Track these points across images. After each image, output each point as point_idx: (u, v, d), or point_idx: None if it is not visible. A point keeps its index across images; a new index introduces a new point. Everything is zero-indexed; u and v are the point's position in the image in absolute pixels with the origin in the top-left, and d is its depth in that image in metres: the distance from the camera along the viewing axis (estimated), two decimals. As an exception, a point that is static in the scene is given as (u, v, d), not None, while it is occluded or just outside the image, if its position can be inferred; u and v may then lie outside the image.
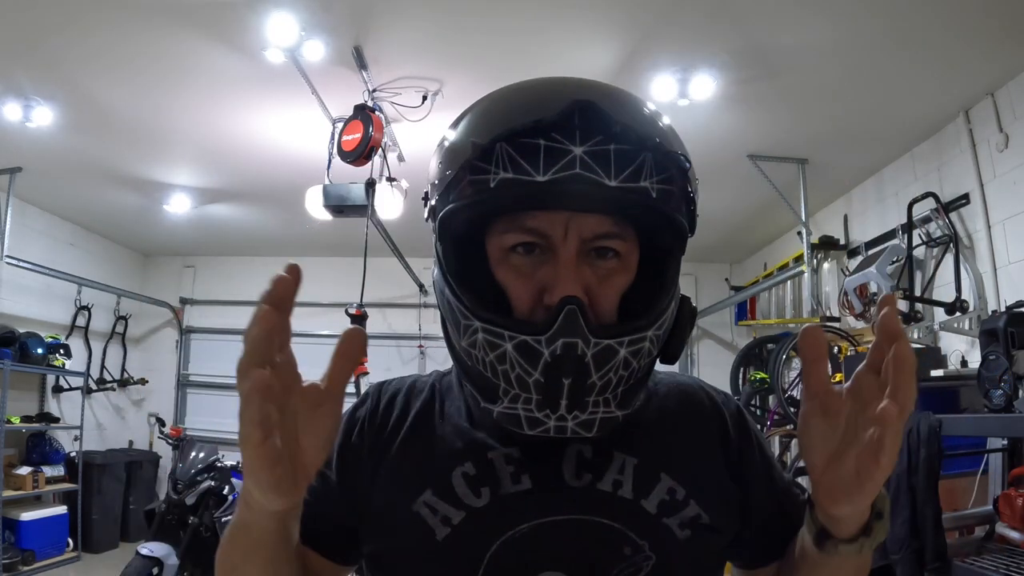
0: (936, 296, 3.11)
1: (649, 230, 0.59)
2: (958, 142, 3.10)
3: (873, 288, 3.38)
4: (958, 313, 2.91)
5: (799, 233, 3.97)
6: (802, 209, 3.82)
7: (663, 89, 2.94)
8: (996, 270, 2.86)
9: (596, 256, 0.58)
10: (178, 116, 3.49)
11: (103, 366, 5.85)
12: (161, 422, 5.27)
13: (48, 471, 4.72)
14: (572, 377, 0.53)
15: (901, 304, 3.19)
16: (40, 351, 4.73)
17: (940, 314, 3.03)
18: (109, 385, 5.85)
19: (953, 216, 3.07)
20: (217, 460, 3.81)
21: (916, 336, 3.19)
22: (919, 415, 2.24)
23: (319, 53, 2.77)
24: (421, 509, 0.63)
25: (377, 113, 3.02)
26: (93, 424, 5.65)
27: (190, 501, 3.58)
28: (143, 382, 6.10)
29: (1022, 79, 2.76)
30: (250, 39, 2.73)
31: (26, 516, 4.41)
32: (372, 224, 3.53)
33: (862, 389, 0.50)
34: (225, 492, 3.69)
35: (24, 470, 4.52)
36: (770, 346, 4.36)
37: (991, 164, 2.91)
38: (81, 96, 3.27)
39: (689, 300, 0.63)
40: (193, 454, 3.78)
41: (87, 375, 5.46)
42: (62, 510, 4.74)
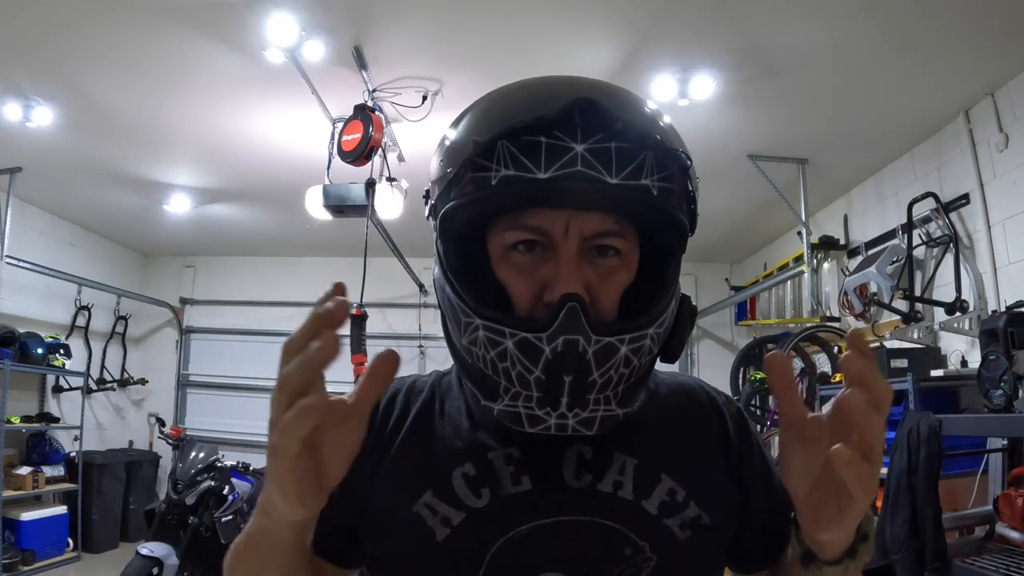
0: (936, 296, 3.11)
1: (650, 228, 0.59)
2: (958, 142, 3.10)
3: (873, 288, 3.38)
4: (958, 313, 2.91)
5: (799, 233, 3.97)
6: (802, 209, 3.82)
7: (663, 89, 2.94)
8: (996, 270, 2.86)
9: (597, 254, 0.58)
10: (178, 116, 3.49)
11: (103, 366, 5.85)
12: (161, 422, 5.27)
13: (48, 471, 4.72)
14: (573, 374, 0.53)
15: (901, 304, 3.19)
16: (40, 351, 4.73)
17: (940, 314, 3.03)
18: (109, 385, 5.84)
19: (953, 216, 3.07)
20: (217, 460, 3.80)
21: (916, 336, 3.19)
22: (919, 415, 2.24)
23: (319, 53, 2.77)
24: (421, 510, 0.62)
25: (377, 113, 3.02)
26: (93, 424, 5.64)
27: (190, 501, 3.58)
28: (143, 382, 6.10)
29: (1022, 79, 2.76)
30: (250, 39, 2.73)
31: (26, 516, 4.40)
32: (372, 224, 3.52)
33: (842, 417, 0.47)
34: (225, 492, 3.68)
35: (24, 470, 4.51)
36: (770, 346, 4.36)
37: (991, 164, 2.91)
38: (81, 96, 3.27)
39: (689, 299, 0.63)
40: (193, 454, 3.77)
41: (87, 375, 5.46)
42: (62, 510, 4.74)
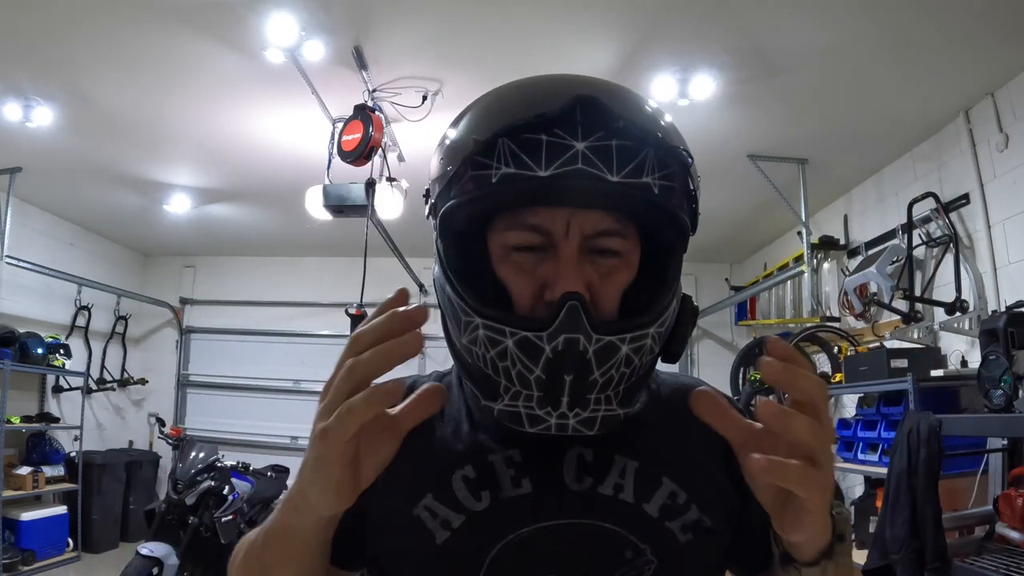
0: (936, 296, 3.11)
1: (651, 227, 0.59)
2: (958, 142, 3.10)
3: (873, 288, 3.38)
4: (958, 313, 2.91)
5: (799, 233, 3.97)
6: (802, 209, 3.82)
7: (663, 89, 2.94)
8: (996, 270, 2.86)
9: (598, 253, 0.57)
10: (178, 116, 3.49)
11: (103, 366, 5.85)
12: (161, 422, 5.27)
13: (48, 471, 4.71)
14: (574, 373, 0.52)
15: (901, 304, 3.19)
16: (40, 351, 4.73)
17: (940, 314, 3.03)
18: (109, 385, 5.84)
19: (953, 216, 3.07)
20: (217, 460, 3.81)
21: (916, 336, 3.19)
22: (919, 415, 2.24)
23: (319, 53, 2.77)
24: (421, 513, 0.62)
25: (377, 113, 3.02)
26: (93, 424, 5.64)
27: (190, 501, 3.58)
28: (143, 382, 6.10)
29: (1022, 79, 2.76)
30: (250, 39, 2.73)
31: (26, 516, 4.40)
32: (372, 224, 3.52)
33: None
34: (225, 492, 3.69)
35: (24, 470, 4.51)
36: (770, 346, 4.35)
37: (991, 164, 2.90)
38: (81, 96, 3.27)
39: (690, 299, 0.63)
40: (193, 454, 3.78)
41: (87, 375, 5.46)
42: (62, 510, 4.74)
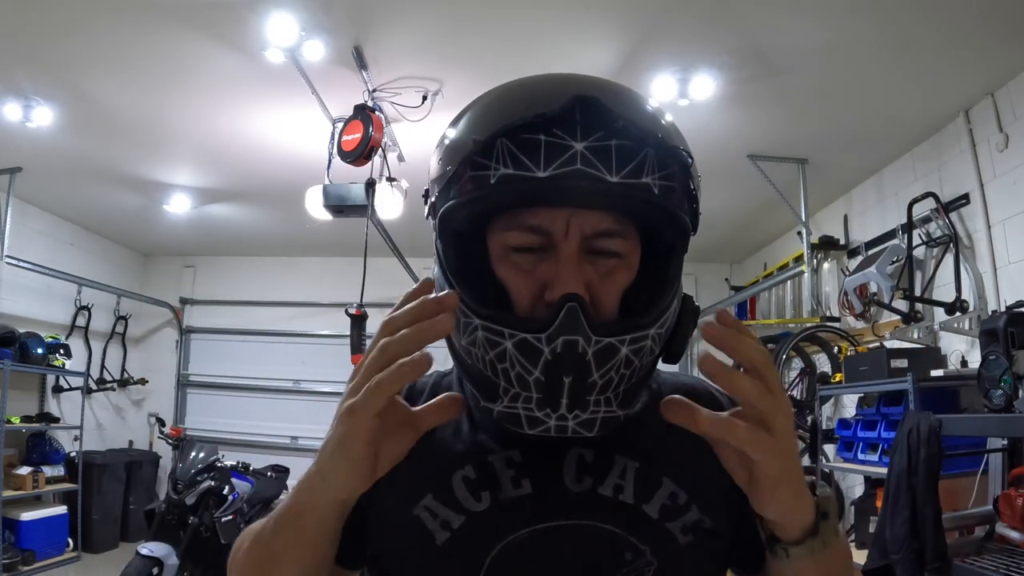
0: (936, 296, 3.11)
1: (651, 227, 0.59)
2: (958, 142, 3.10)
3: (873, 288, 3.38)
4: (958, 313, 2.91)
5: (799, 233, 3.97)
6: (802, 209, 3.82)
7: (663, 89, 2.94)
8: (996, 270, 2.86)
9: (598, 253, 0.57)
10: (178, 116, 3.49)
11: (103, 366, 5.85)
12: (161, 422, 5.27)
13: (48, 471, 4.71)
14: (573, 375, 0.52)
15: (901, 304, 3.19)
16: (40, 351, 4.73)
17: (940, 314, 3.03)
18: (109, 385, 5.84)
19: (953, 216, 3.07)
20: (217, 460, 3.80)
21: (916, 336, 3.19)
22: (919, 415, 2.24)
23: (319, 53, 2.77)
24: (421, 513, 0.62)
25: (377, 113, 3.02)
26: (93, 424, 5.64)
27: (190, 501, 3.58)
28: (143, 382, 6.10)
29: (1022, 79, 2.75)
30: (250, 39, 2.73)
31: (26, 516, 4.40)
32: (372, 224, 3.52)
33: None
34: (225, 492, 3.69)
35: (24, 470, 4.51)
36: (770, 346, 4.35)
37: (991, 164, 2.90)
38: (81, 96, 3.27)
39: (691, 299, 0.62)
40: (193, 454, 3.77)
41: (87, 375, 5.46)
42: (62, 510, 4.74)
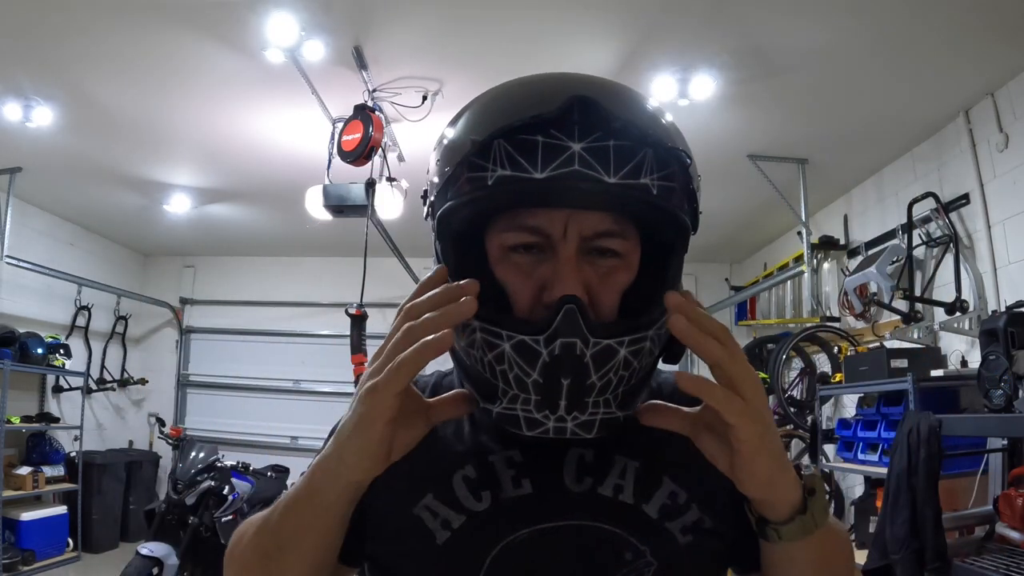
0: (936, 296, 3.11)
1: (651, 227, 0.58)
2: (958, 142, 3.10)
3: (873, 288, 3.38)
4: (958, 313, 2.91)
5: (799, 233, 3.97)
6: (802, 209, 3.82)
7: (663, 89, 2.94)
8: (996, 270, 2.86)
9: (597, 254, 0.57)
10: (178, 116, 3.49)
11: (103, 366, 5.85)
12: (161, 422, 5.27)
13: (48, 471, 4.71)
14: (571, 377, 0.52)
15: (901, 304, 3.19)
16: (40, 351, 4.73)
17: (940, 314, 3.03)
18: (109, 385, 5.84)
19: (953, 216, 3.07)
20: (217, 460, 3.81)
21: (916, 336, 3.19)
22: (919, 415, 2.24)
23: (319, 53, 2.77)
24: (422, 512, 0.62)
25: (377, 113, 3.02)
26: (93, 424, 5.64)
27: (190, 501, 3.58)
28: (143, 382, 6.10)
29: (1022, 79, 2.75)
30: (250, 39, 2.73)
31: (26, 516, 4.40)
32: (372, 224, 3.52)
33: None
34: (225, 492, 3.69)
35: (24, 470, 4.51)
36: (770, 346, 4.36)
37: (991, 164, 2.90)
38: (81, 96, 3.27)
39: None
40: (193, 454, 3.78)
41: (87, 375, 5.46)
42: (62, 510, 4.74)
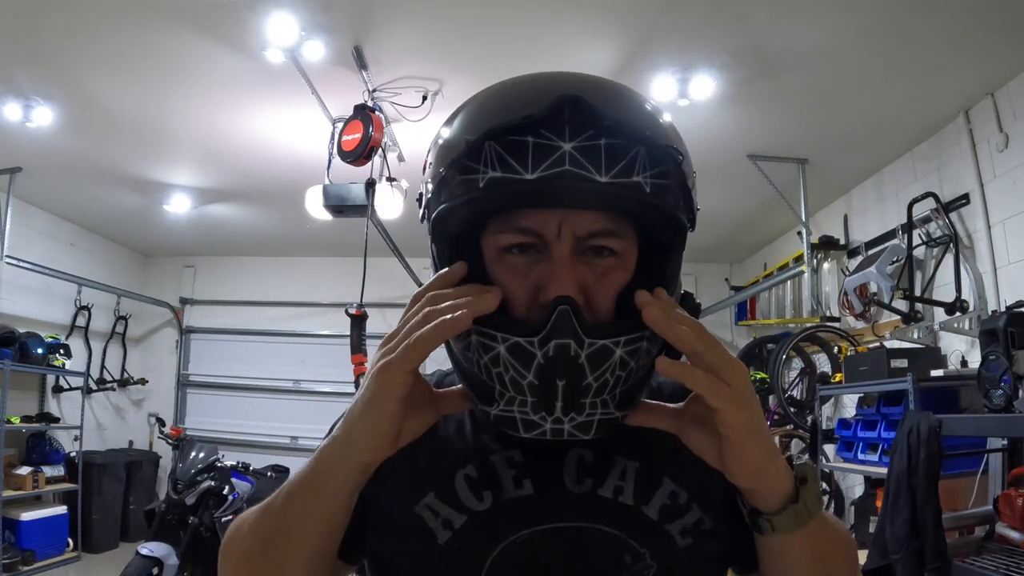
0: (936, 296, 3.11)
1: (647, 226, 0.58)
2: (958, 142, 3.10)
3: (873, 288, 3.38)
4: (958, 313, 2.91)
5: (799, 233, 3.97)
6: (802, 209, 3.82)
7: (663, 89, 2.94)
8: (996, 270, 2.85)
9: (593, 254, 0.57)
10: (178, 116, 3.49)
11: (103, 366, 5.85)
12: (161, 422, 5.27)
13: (48, 471, 4.71)
14: (566, 379, 0.52)
15: (901, 304, 3.19)
16: (40, 351, 4.73)
17: (940, 314, 3.03)
18: (109, 385, 5.84)
19: (953, 216, 3.07)
20: (217, 460, 3.80)
21: (916, 336, 3.19)
22: (919, 415, 2.24)
23: (319, 53, 2.77)
24: (423, 511, 0.62)
25: (377, 113, 3.02)
26: (93, 424, 5.64)
27: (190, 501, 3.58)
28: (143, 382, 6.10)
29: (1022, 79, 2.75)
30: (250, 39, 2.73)
31: (26, 516, 4.40)
32: (372, 224, 3.52)
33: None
34: (225, 492, 3.68)
35: (24, 470, 4.51)
36: (770, 346, 4.36)
37: (991, 164, 2.90)
38: (81, 96, 3.27)
39: (692, 296, 0.61)
40: (193, 454, 3.77)
41: (87, 375, 5.46)
42: (62, 510, 4.74)
